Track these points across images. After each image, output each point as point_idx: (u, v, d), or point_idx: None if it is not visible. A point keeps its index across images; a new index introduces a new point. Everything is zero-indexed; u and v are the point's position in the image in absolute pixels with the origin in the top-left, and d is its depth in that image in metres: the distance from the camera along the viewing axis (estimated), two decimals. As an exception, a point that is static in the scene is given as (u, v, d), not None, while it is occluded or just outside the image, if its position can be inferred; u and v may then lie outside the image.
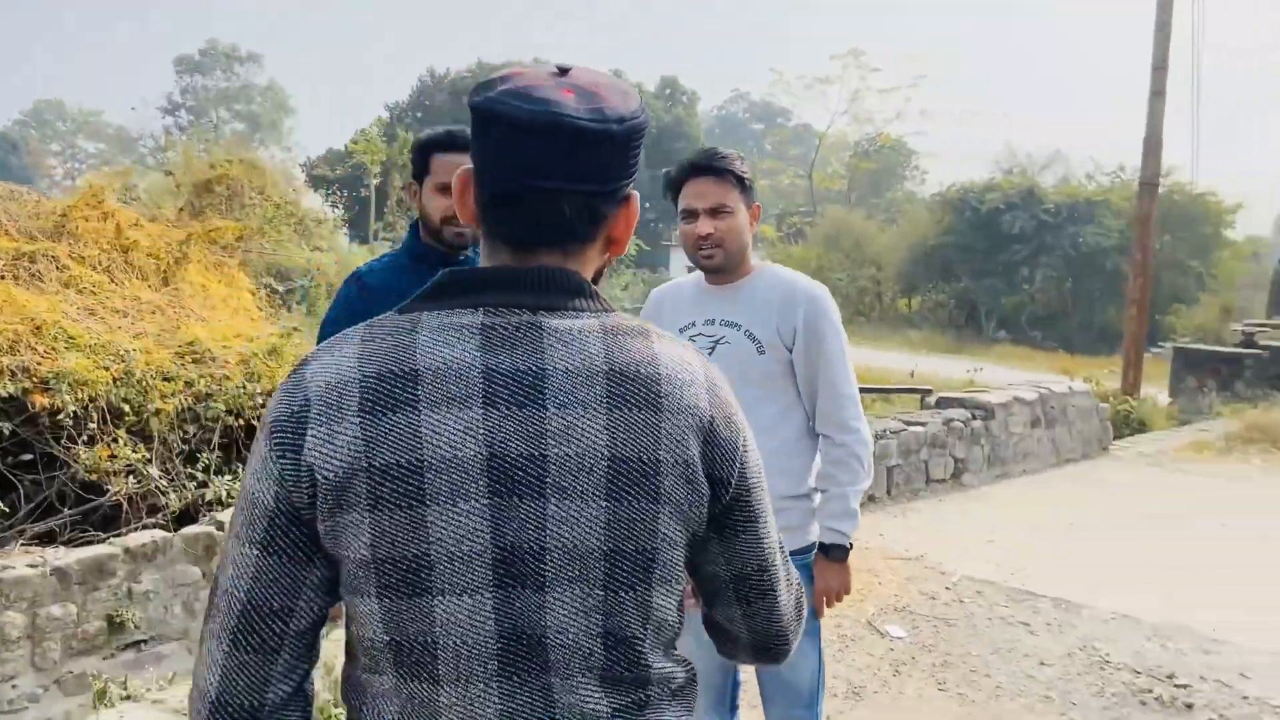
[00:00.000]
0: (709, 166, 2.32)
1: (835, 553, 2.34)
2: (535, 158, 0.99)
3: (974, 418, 6.91)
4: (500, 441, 0.96)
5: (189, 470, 6.57)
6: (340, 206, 30.78)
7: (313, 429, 0.96)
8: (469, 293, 1.02)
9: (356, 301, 2.21)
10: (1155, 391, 12.79)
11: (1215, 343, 18.62)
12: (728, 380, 2.30)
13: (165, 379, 6.31)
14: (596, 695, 1.01)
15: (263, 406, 7.40)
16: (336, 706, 3.12)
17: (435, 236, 2.28)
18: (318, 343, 2.31)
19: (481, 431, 0.96)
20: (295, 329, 9.72)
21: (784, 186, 53.97)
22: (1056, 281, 29.71)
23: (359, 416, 0.95)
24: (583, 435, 0.98)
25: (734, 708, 2.59)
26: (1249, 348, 12.73)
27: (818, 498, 2.39)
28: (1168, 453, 8.57)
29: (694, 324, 2.39)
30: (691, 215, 2.34)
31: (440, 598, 0.96)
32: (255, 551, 0.98)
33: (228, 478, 6.76)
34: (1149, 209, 11.40)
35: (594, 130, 0.99)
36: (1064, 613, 4.64)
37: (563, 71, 1.05)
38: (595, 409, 0.99)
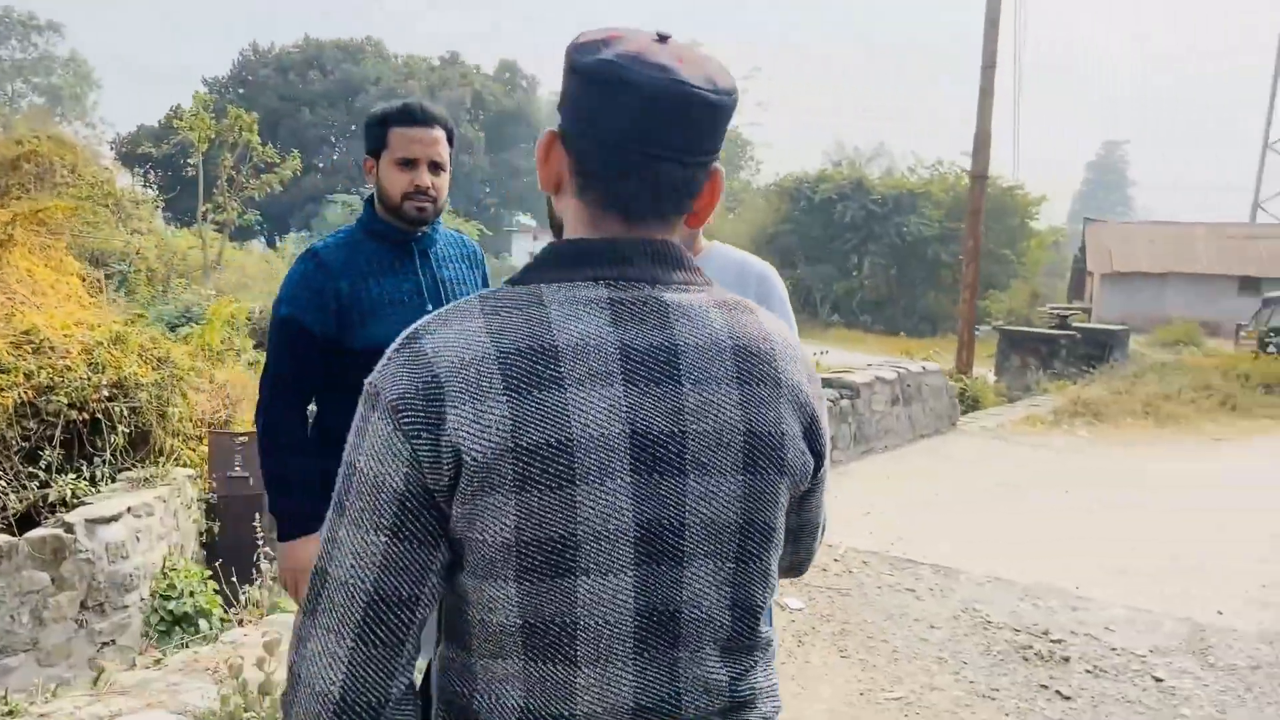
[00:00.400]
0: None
1: None
2: (658, 126, 0.97)
3: (841, 397, 7.22)
4: (642, 419, 0.95)
5: (29, 469, 6.06)
6: (157, 186, 28.87)
7: (455, 407, 0.91)
8: (584, 264, 0.99)
9: (314, 277, 2.17)
10: (984, 371, 13.69)
11: (1025, 324, 20.12)
12: None
13: (0, 371, 5.78)
14: (718, 665, 1.02)
15: (110, 400, 6.91)
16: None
17: (394, 212, 2.22)
18: (275, 321, 2.20)
19: (624, 409, 0.94)
20: (140, 314, 9.10)
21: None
22: (884, 268, 31.32)
23: (505, 395, 0.91)
24: (719, 411, 0.98)
25: None
26: (1063, 329, 13.82)
27: None
28: (1007, 426, 9.22)
29: None
30: None
31: (584, 578, 0.94)
32: (383, 538, 0.92)
33: (71, 476, 6.27)
34: (979, 200, 12.16)
35: (711, 101, 0.98)
36: (944, 578, 4.92)
37: (662, 39, 1.03)
38: (728, 385, 0.99)
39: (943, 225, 30.80)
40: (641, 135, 0.98)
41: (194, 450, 7.58)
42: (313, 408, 2.35)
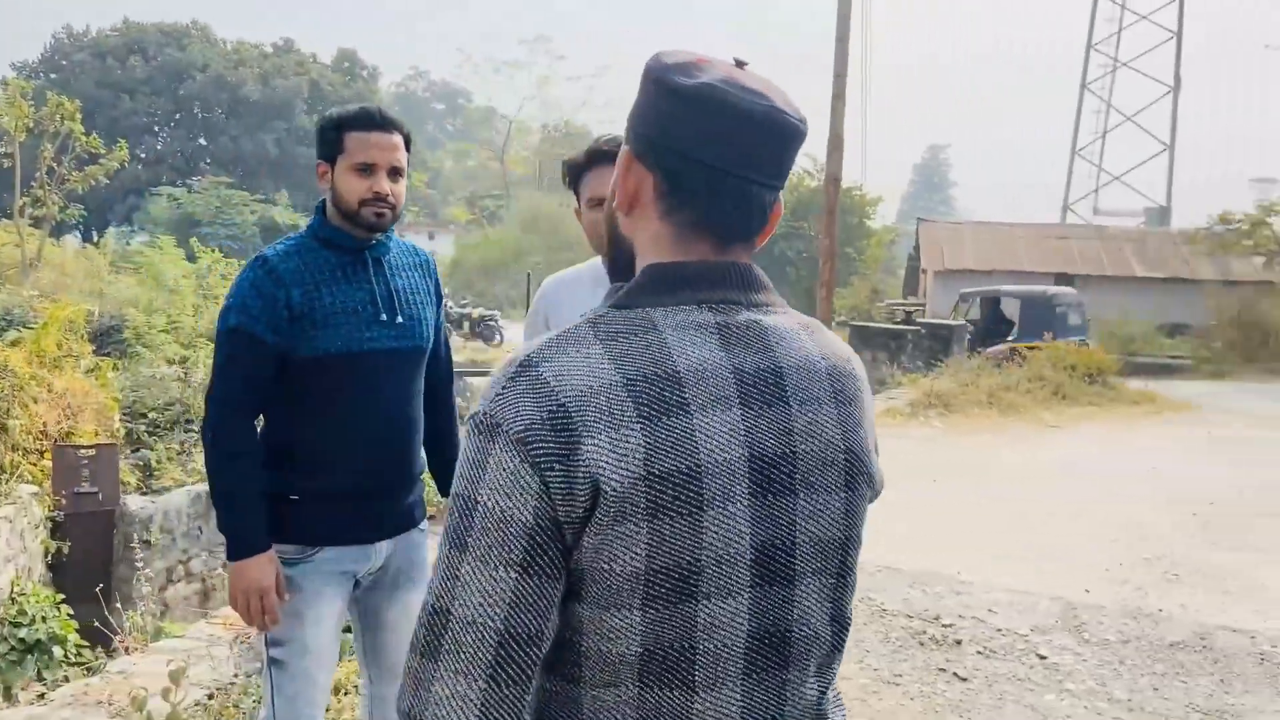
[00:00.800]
0: (615, 155, 2.32)
1: None
2: (755, 151, 0.99)
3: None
4: (758, 442, 0.96)
5: None
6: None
7: (590, 436, 0.89)
8: (686, 288, 1.00)
9: (265, 285, 2.09)
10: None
11: (867, 320, 21.05)
12: None
13: None
14: (812, 682, 1.04)
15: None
16: None
17: (350, 219, 2.15)
18: (224, 331, 2.11)
19: (742, 432, 0.95)
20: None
21: (472, 169, 53.64)
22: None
23: (639, 422, 0.91)
24: (822, 430, 1.01)
25: None
26: (909, 325, 14.55)
27: None
28: (870, 420, 9.61)
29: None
30: (600, 203, 2.31)
31: (705, 602, 0.93)
32: (513, 574, 0.89)
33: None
34: (834, 201, 12.66)
35: (799, 128, 1.01)
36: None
37: (740, 64, 1.05)
38: (827, 405, 1.02)
39: (788, 224, 31.85)
40: (740, 159, 0.99)
41: (36, 465, 7.01)
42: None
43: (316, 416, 2.16)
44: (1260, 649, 4.23)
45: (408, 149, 2.24)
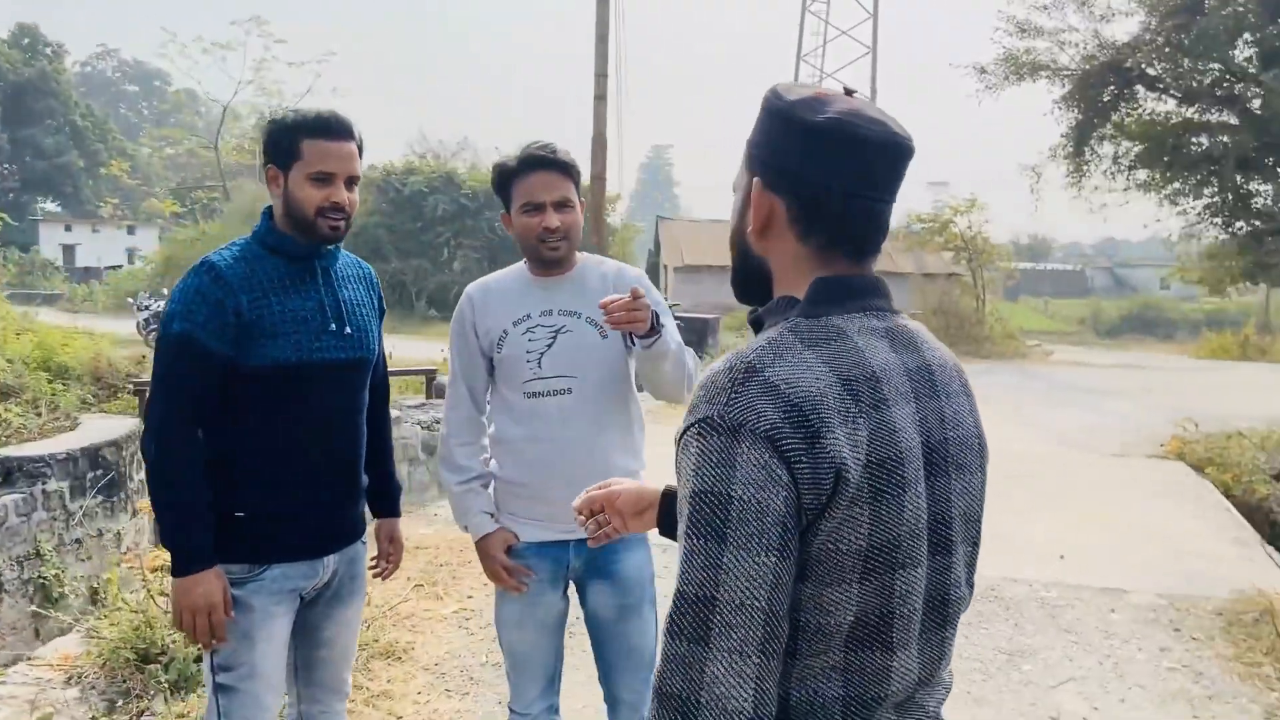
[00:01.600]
0: (553, 160, 2.36)
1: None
2: (883, 174, 1.14)
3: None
4: (926, 430, 1.12)
5: None
6: None
7: (831, 431, 1.01)
8: (852, 298, 1.15)
9: (211, 291, 2.05)
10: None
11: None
12: (575, 366, 2.37)
13: None
14: (952, 638, 1.20)
15: None
16: None
17: (305, 228, 2.14)
18: (168, 339, 2.03)
19: (917, 422, 1.11)
20: None
21: (176, 157, 49.39)
22: (478, 262, 31.87)
23: (862, 417, 1.04)
24: (963, 418, 1.19)
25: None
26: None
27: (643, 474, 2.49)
28: (653, 413, 9.99)
29: (529, 316, 2.41)
30: (537, 208, 2.36)
31: (900, 572, 1.08)
32: (772, 559, 0.99)
33: None
34: (601, 198, 12.98)
35: (911, 147, 1.16)
36: (670, 555, 5.33)
37: (849, 93, 1.19)
38: (961, 396, 1.21)
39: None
40: (868, 183, 1.14)
41: None
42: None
43: (263, 428, 2.12)
44: (1039, 595, 4.92)
45: (360, 155, 2.20)
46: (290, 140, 2.10)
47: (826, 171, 1.12)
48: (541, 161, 2.37)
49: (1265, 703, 3.79)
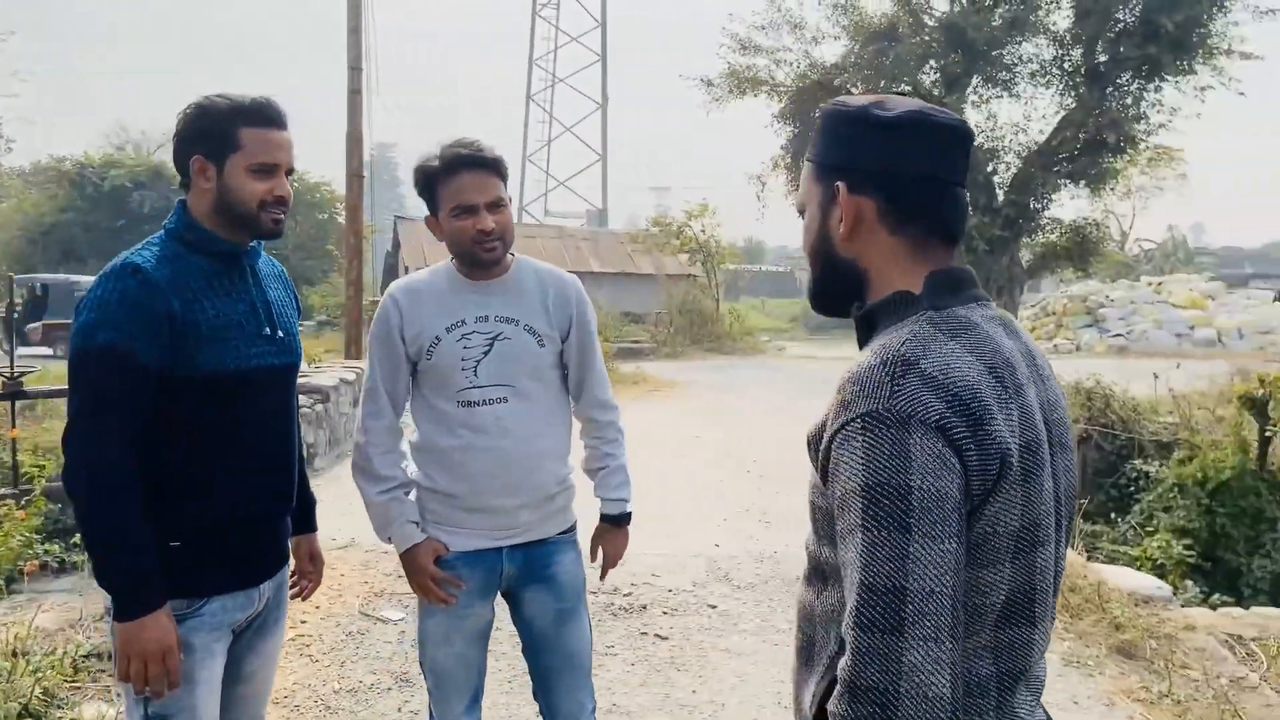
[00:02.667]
0: (482, 159, 2.26)
1: (624, 521, 2.53)
2: (963, 160, 1.24)
3: (316, 402, 6.94)
4: (1045, 412, 1.18)
5: None
6: None
7: (993, 418, 1.06)
8: (963, 288, 1.21)
9: (139, 296, 1.83)
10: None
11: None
12: (512, 375, 2.34)
13: None
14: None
15: None
16: None
17: (242, 223, 1.96)
18: (93, 351, 1.80)
19: (1039, 405, 1.16)
20: None
21: None
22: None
23: (1012, 401, 1.10)
24: (1060, 401, 1.25)
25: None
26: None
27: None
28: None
29: (463, 322, 2.30)
30: (469, 210, 2.25)
31: (1040, 549, 1.14)
32: (954, 545, 1.02)
33: None
34: (358, 198, 12.40)
35: (974, 136, 1.27)
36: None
37: (901, 93, 1.32)
38: (1053, 379, 1.26)
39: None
40: (950, 168, 1.21)
41: None
42: None
43: (198, 445, 1.94)
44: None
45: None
46: (226, 128, 1.92)
47: (912, 162, 1.18)
48: (469, 161, 2.25)
49: (1061, 650, 4.33)
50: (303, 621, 4.44)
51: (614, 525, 2.52)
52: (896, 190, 1.19)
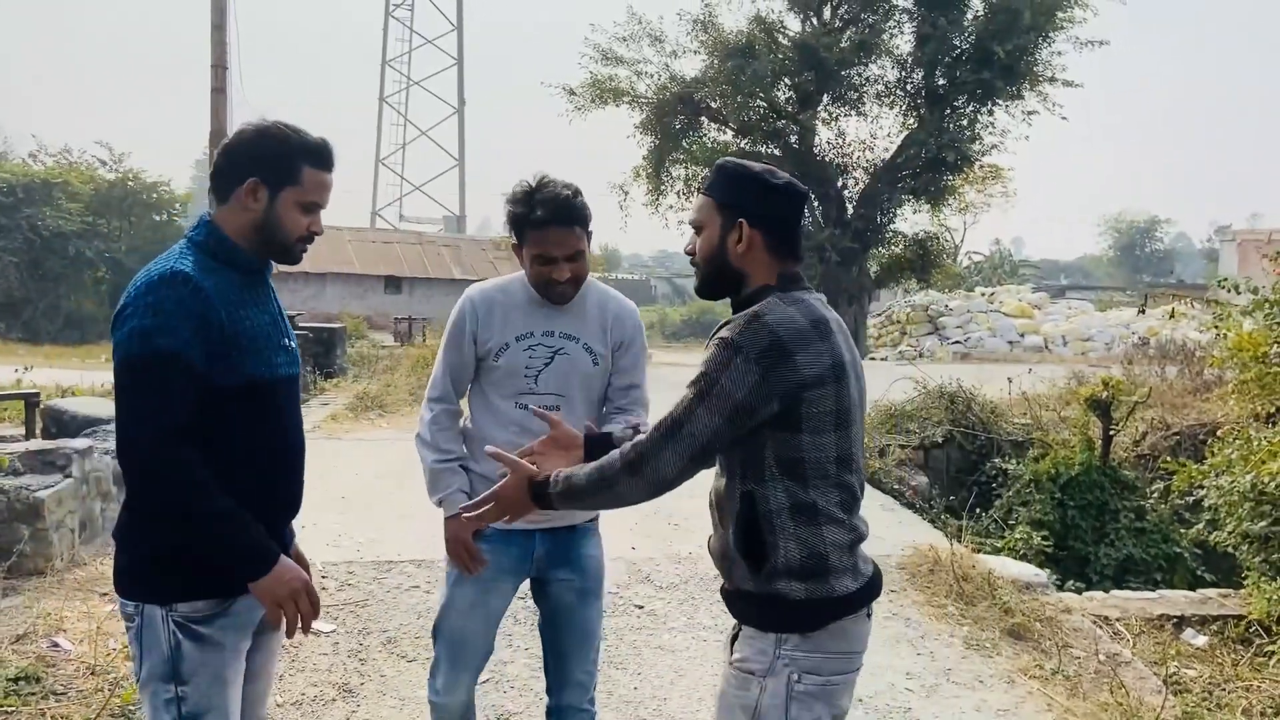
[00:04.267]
0: (571, 217, 2.48)
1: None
2: (806, 207, 2.09)
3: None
4: (849, 353, 1.90)
5: None
6: None
7: (803, 350, 1.82)
8: (800, 283, 1.94)
9: (192, 304, 1.93)
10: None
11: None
12: (567, 386, 2.71)
13: None
14: None
15: None
16: None
17: (276, 248, 2.08)
18: (150, 357, 1.88)
19: (846, 348, 1.90)
20: None
21: None
22: (16, 266, 27.34)
23: (823, 342, 1.84)
24: (854, 349, 1.95)
25: None
26: (293, 328, 14.34)
27: None
28: (323, 428, 9.46)
29: (531, 334, 2.57)
30: (549, 261, 2.49)
31: (852, 426, 1.89)
32: (718, 420, 1.81)
33: None
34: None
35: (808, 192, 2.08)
36: (426, 570, 5.23)
37: (777, 165, 2.07)
38: (849, 336, 1.96)
39: (83, 219, 28.21)
40: (799, 214, 2.00)
41: None
42: None
43: (232, 449, 2.03)
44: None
45: None
46: (291, 162, 2.04)
47: (785, 212, 1.95)
48: (559, 219, 2.46)
49: (962, 635, 4.71)
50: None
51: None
52: (774, 227, 1.92)
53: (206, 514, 1.90)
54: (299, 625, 2.01)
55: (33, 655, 3.79)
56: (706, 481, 2.02)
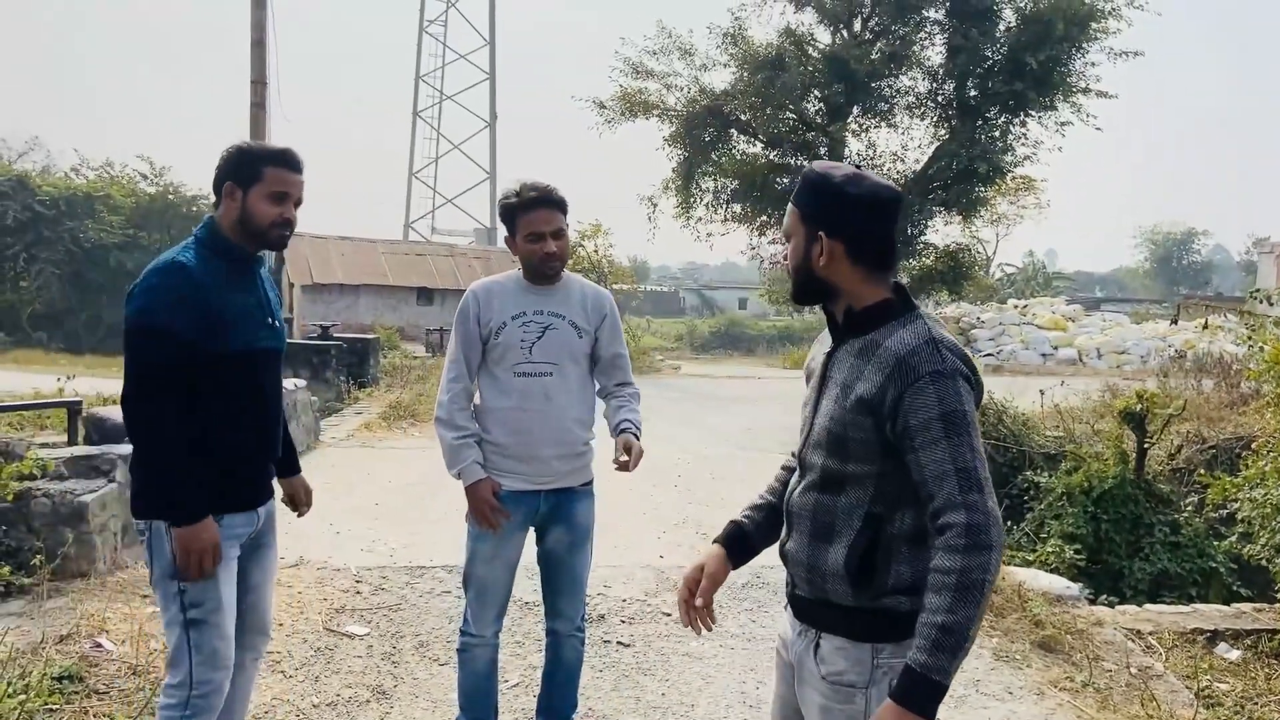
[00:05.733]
0: (550, 200, 3.03)
1: (639, 433, 3.19)
2: (899, 216, 1.92)
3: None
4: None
5: None
6: None
7: (975, 369, 1.81)
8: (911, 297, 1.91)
9: (185, 289, 2.44)
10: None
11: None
12: (557, 355, 3.17)
13: None
14: None
15: None
16: None
17: (257, 237, 2.59)
18: (150, 324, 2.40)
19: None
20: None
21: None
22: (59, 279, 27.88)
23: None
24: None
25: None
26: (328, 339, 14.54)
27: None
28: (356, 436, 9.59)
29: (525, 313, 3.08)
30: (539, 238, 3.01)
31: None
32: (980, 439, 1.78)
33: None
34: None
35: (903, 198, 2.02)
36: (457, 575, 5.29)
37: (858, 168, 1.93)
38: None
39: (124, 232, 28.73)
40: (889, 223, 1.92)
41: None
42: None
43: (220, 404, 2.53)
44: (796, 576, 5.57)
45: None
46: (254, 166, 2.55)
47: (868, 223, 1.84)
48: (541, 200, 3.02)
49: (991, 646, 4.71)
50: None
51: (634, 436, 3.16)
52: (857, 238, 1.83)
53: (164, 461, 2.42)
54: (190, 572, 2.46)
55: (76, 655, 3.89)
56: (731, 492, 2.06)
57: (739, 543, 2.17)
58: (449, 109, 43.39)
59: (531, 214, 3.00)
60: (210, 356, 2.46)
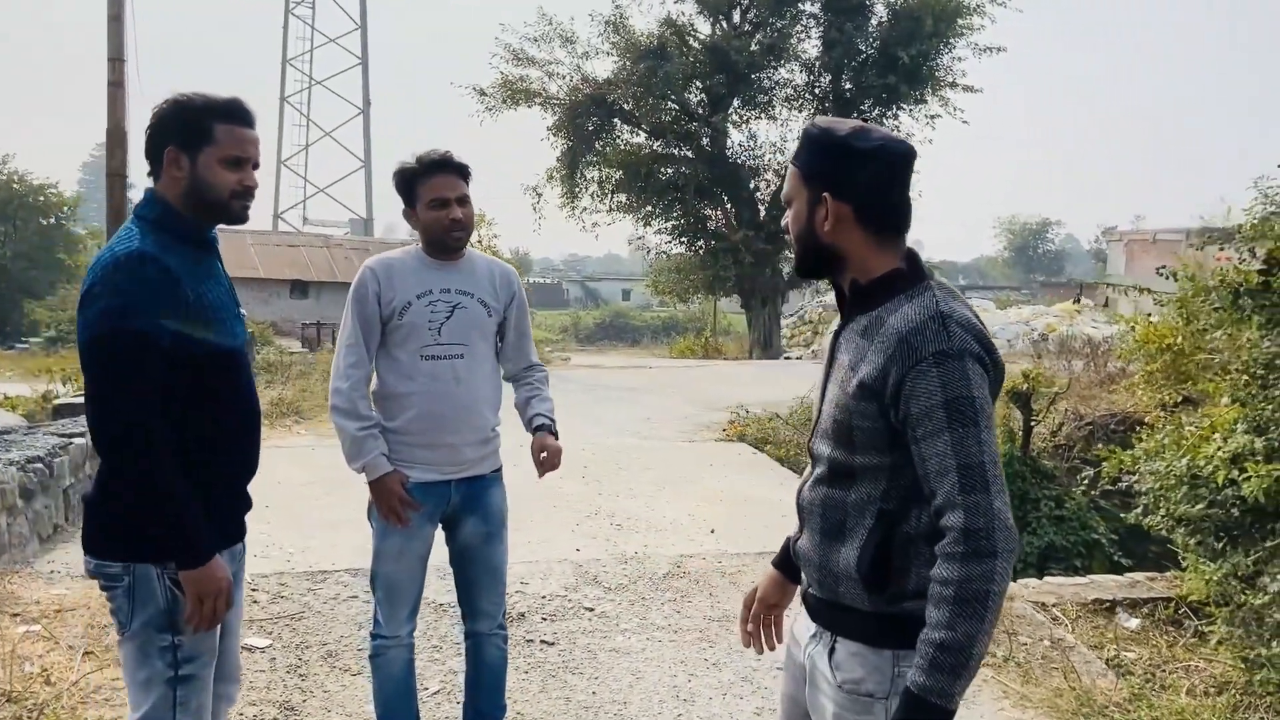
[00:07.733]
0: (453, 164, 2.84)
1: (554, 431, 3.06)
2: (912, 176, 1.69)
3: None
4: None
5: None
6: None
7: (993, 347, 1.60)
8: (924, 266, 1.70)
9: (159, 283, 2.00)
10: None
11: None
12: (467, 336, 2.95)
13: None
14: None
15: None
16: None
17: (214, 211, 2.14)
18: (126, 327, 1.94)
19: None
20: None
21: None
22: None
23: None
24: None
25: None
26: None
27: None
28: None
29: (431, 292, 2.86)
30: (443, 204, 2.81)
31: None
32: (993, 431, 1.56)
33: None
34: (122, 200, 11.35)
35: (916, 154, 1.74)
36: (363, 579, 4.99)
37: (865, 120, 1.77)
38: None
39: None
40: (902, 183, 1.70)
41: None
42: None
43: (202, 415, 2.11)
44: (717, 565, 5.50)
45: None
46: (201, 123, 2.07)
47: (878, 181, 1.63)
48: (443, 165, 2.82)
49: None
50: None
51: (549, 434, 3.02)
52: (866, 199, 1.62)
53: (164, 492, 1.98)
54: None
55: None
56: (642, 480, 1.89)
57: (791, 560, 1.94)
58: (320, 95, 41.79)
59: (434, 179, 2.80)
60: (192, 360, 2.04)
